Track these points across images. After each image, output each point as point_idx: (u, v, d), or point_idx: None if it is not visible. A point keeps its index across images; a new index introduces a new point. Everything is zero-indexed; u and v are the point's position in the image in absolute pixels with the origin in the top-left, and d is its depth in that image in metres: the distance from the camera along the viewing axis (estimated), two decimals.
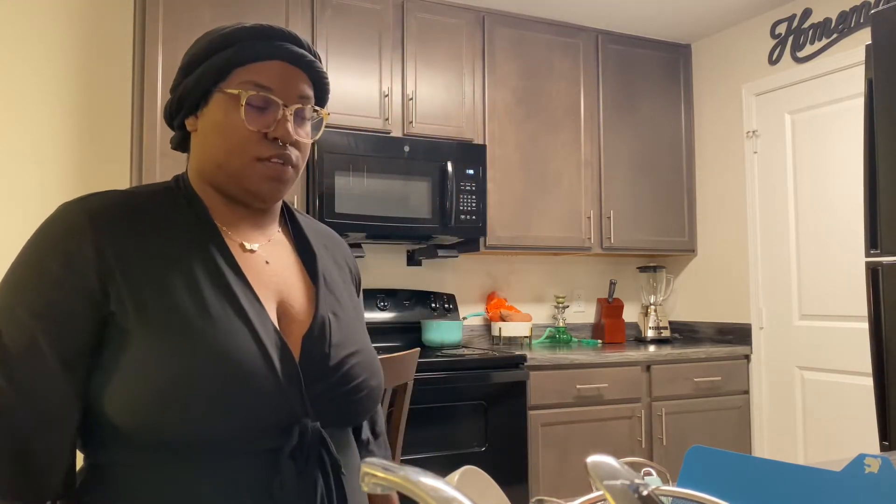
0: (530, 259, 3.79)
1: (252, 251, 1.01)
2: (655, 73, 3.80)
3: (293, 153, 0.99)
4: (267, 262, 1.02)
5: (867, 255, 2.09)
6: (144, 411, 0.85)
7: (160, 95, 2.75)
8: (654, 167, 3.76)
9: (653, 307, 3.83)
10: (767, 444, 3.44)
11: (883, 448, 2.04)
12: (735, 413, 3.46)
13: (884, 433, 2.04)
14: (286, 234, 1.10)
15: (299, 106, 0.99)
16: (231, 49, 0.96)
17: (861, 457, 0.64)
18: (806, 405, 3.28)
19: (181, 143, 1.04)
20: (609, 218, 3.60)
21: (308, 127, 1.02)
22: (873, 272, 2.06)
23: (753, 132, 3.56)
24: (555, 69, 3.54)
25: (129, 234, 0.91)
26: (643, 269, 3.92)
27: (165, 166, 2.74)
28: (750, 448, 3.50)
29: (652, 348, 3.43)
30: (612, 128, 3.66)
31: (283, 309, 0.99)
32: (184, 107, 1.00)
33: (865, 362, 3.00)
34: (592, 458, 0.51)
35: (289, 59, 0.99)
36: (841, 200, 3.15)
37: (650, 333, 3.80)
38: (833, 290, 3.17)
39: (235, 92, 0.95)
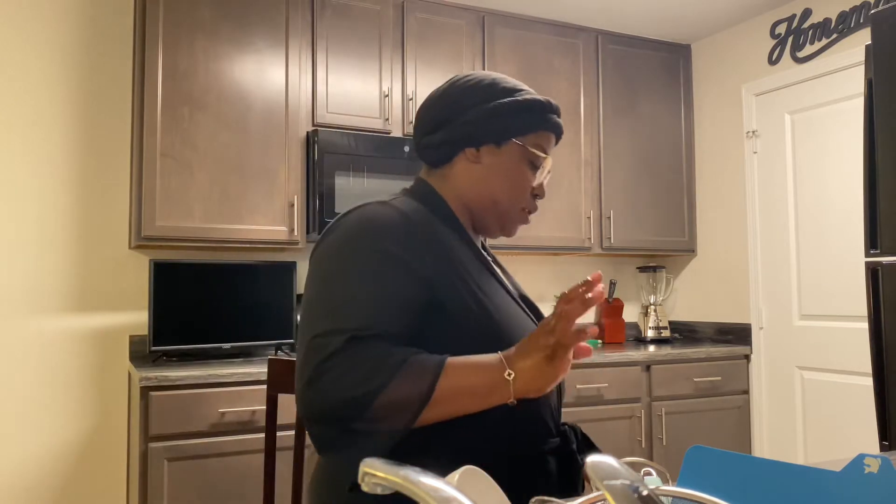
0: (530, 259, 3.79)
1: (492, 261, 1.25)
2: (655, 73, 3.80)
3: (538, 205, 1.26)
4: (502, 270, 1.27)
5: (867, 255, 2.09)
6: None
7: (160, 95, 2.75)
8: (654, 167, 3.76)
9: (653, 307, 3.83)
10: (767, 444, 3.44)
11: (883, 448, 2.04)
12: (735, 413, 3.46)
13: (884, 433, 2.04)
14: None
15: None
16: (540, 115, 1.16)
17: (861, 457, 0.64)
18: (806, 405, 3.28)
19: (439, 160, 1.19)
20: (609, 218, 3.60)
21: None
22: (873, 272, 2.06)
23: (753, 132, 3.56)
24: (555, 69, 3.54)
25: (434, 240, 1.10)
26: (643, 269, 3.92)
27: (165, 166, 2.74)
28: (750, 448, 3.50)
29: (652, 348, 3.43)
30: (612, 128, 3.66)
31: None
32: (474, 139, 1.15)
33: (865, 362, 3.00)
34: (592, 458, 0.51)
35: (558, 135, 1.21)
36: (841, 200, 3.15)
37: (650, 333, 3.80)
38: (833, 290, 3.17)
39: (540, 154, 1.17)
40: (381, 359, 0.95)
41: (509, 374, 0.97)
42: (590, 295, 0.95)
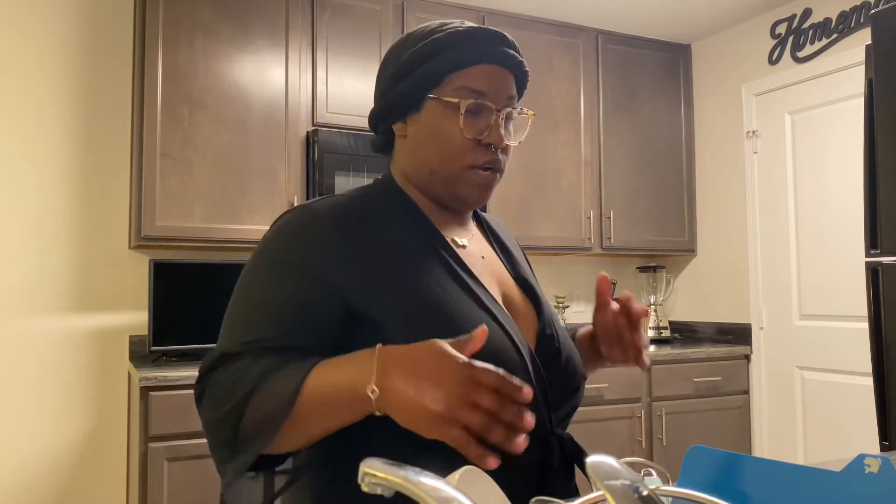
0: (530, 259, 3.79)
1: (464, 247, 1.02)
2: (655, 73, 3.80)
3: (502, 158, 0.98)
4: (483, 256, 1.04)
5: (867, 255, 2.09)
6: None
7: (160, 95, 2.75)
8: (654, 167, 3.76)
9: (653, 307, 3.83)
10: (767, 444, 3.44)
11: (883, 448, 2.04)
12: (735, 413, 3.46)
13: (884, 433, 2.04)
14: (479, 229, 1.11)
15: (510, 109, 0.98)
16: (445, 55, 0.95)
17: (861, 457, 0.64)
18: (806, 405, 3.28)
19: (384, 146, 1.04)
20: (609, 218, 3.60)
21: (512, 128, 1.01)
22: (873, 272, 2.06)
23: (753, 132, 3.56)
24: (555, 69, 3.53)
25: (363, 236, 0.93)
26: (643, 269, 3.92)
27: (165, 166, 2.74)
28: (750, 448, 3.50)
29: (652, 348, 3.43)
30: (612, 127, 3.66)
31: (506, 302, 1.00)
32: (393, 112, 0.98)
33: (865, 362, 3.00)
34: (592, 458, 0.51)
35: (501, 61, 0.97)
36: (841, 200, 3.15)
37: (650, 333, 3.80)
38: (833, 290, 3.17)
39: (455, 101, 0.94)
40: (243, 373, 0.83)
41: (373, 392, 0.76)
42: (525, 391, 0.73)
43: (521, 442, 0.72)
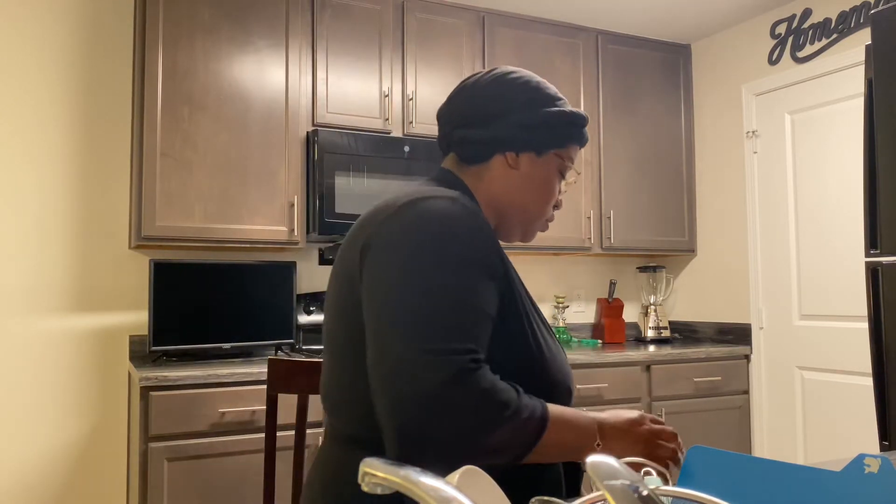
0: (530, 259, 3.79)
1: None
2: (655, 73, 3.80)
3: None
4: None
5: (867, 255, 2.09)
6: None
7: (160, 95, 2.75)
8: (654, 167, 3.76)
9: (653, 307, 3.83)
10: (767, 444, 3.44)
11: (883, 448, 2.04)
12: (735, 413, 3.46)
13: (884, 433, 2.04)
14: None
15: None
16: (578, 129, 1.15)
17: (861, 457, 0.64)
18: (806, 405, 3.28)
19: (474, 157, 1.14)
20: (609, 218, 3.60)
21: None
22: (873, 272, 2.06)
23: (753, 132, 3.56)
24: (555, 69, 3.53)
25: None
26: (643, 269, 3.92)
27: (165, 166, 2.74)
28: (750, 448, 3.49)
29: (652, 348, 3.43)
30: (612, 128, 3.66)
31: None
32: (516, 142, 1.12)
33: (865, 362, 3.00)
34: (592, 458, 0.51)
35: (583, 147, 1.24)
36: (841, 200, 3.15)
37: (650, 333, 3.80)
38: (833, 290, 3.17)
39: (574, 170, 1.19)
40: (491, 396, 0.89)
41: (598, 445, 0.98)
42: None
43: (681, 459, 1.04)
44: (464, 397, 0.86)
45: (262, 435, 2.56)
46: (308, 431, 2.63)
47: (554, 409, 0.96)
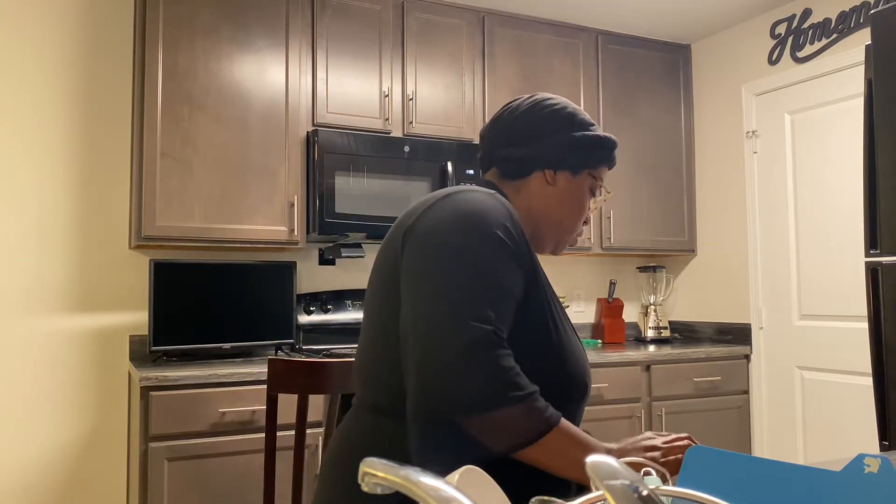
0: None
1: None
2: (655, 73, 3.80)
3: None
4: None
5: (867, 255, 2.09)
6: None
7: (160, 95, 2.75)
8: (654, 167, 3.76)
9: (653, 307, 3.83)
10: (767, 444, 3.44)
11: (883, 448, 2.04)
12: (735, 413, 3.46)
13: (884, 433, 2.04)
14: None
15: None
16: (610, 153, 1.27)
17: (861, 457, 0.64)
18: (806, 405, 3.28)
19: (516, 174, 1.25)
20: (609, 218, 3.60)
21: None
22: (873, 272, 2.06)
23: (753, 132, 3.56)
24: (555, 69, 3.54)
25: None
26: (643, 269, 3.92)
27: (165, 166, 2.74)
28: (750, 448, 3.50)
29: (652, 348, 3.43)
30: (612, 128, 3.66)
31: None
32: (554, 161, 1.23)
33: (865, 362, 3.00)
34: (592, 458, 0.51)
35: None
36: (841, 200, 3.15)
37: (650, 333, 3.80)
38: (833, 290, 3.17)
39: (606, 190, 1.30)
40: (508, 374, 0.95)
41: None
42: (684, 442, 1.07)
43: None
44: (484, 364, 0.94)
45: (262, 435, 2.56)
46: (308, 431, 2.63)
47: (569, 424, 1.00)
